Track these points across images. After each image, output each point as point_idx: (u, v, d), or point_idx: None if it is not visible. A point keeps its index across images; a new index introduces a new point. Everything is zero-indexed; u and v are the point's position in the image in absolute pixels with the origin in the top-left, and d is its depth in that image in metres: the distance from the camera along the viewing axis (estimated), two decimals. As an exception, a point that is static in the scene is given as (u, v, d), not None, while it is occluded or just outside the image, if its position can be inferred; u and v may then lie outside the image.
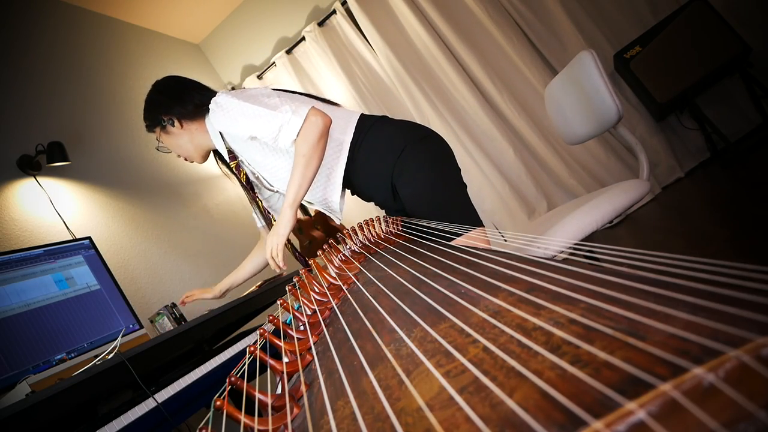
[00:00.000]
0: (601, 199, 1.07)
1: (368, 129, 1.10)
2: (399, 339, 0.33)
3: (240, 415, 0.34)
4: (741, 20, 2.34)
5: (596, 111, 1.21)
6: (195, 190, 2.59)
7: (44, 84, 2.09)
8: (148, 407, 0.90)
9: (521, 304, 0.27)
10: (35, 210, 1.76)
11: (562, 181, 2.68)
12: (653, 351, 0.17)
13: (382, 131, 1.10)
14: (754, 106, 2.40)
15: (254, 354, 0.45)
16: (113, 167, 2.20)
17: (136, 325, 1.42)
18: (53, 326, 1.21)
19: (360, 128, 1.11)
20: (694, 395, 0.14)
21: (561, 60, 2.66)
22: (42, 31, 2.22)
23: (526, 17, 2.70)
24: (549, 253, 0.95)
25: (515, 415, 0.17)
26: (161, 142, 1.22)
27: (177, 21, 3.12)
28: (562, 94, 1.38)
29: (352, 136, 1.10)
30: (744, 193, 1.90)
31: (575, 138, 1.40)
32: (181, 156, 1.24)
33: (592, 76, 1.18)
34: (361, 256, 0.77)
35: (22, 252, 1.26)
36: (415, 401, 0.23)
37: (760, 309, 0.17)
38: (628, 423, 0.14)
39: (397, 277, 0.51)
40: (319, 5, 3.13)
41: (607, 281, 0.25)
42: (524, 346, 0.22)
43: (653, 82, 2.34)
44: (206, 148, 1.23)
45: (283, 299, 0.64)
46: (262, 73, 3.27)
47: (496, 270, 0.36)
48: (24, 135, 1.87)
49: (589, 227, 1.00)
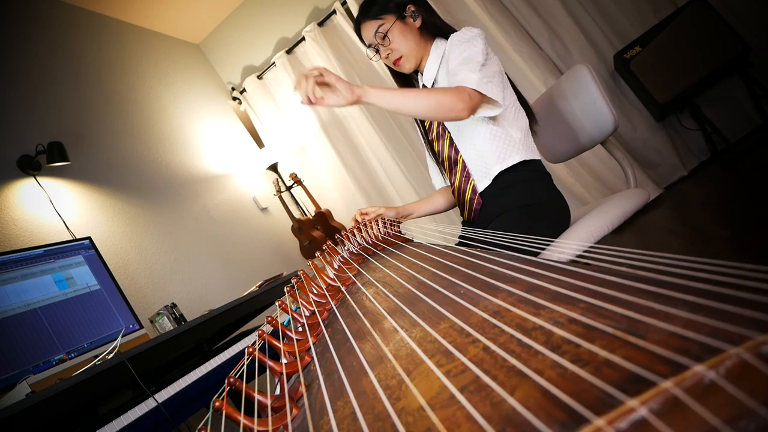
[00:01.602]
0: (608, 205, 1.07)
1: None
2: (399, 339, 0.33)
3: (239, 415, 0.33)
4: (741, 20, 2.34)
5: (592, 123, 1.21)
6: (195, 190, 2.59)
7: (44, 84, 2.09)
8: (148, 407, 0.90)
9: (521, 304, 0.27)
10: (35, 210, 1.76)
11: (564, 182, 2.67)
12: (654, 349, 0.17)
13: None
14: (755, 106, 2.40)
15: (253, 355, 0.45)
16: (113, 167, 2.20)
17: (136, 325, 1.42)
18: (53, 326, 1.21)
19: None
20: (696, 392, 0.14)
21: (563, 59, 2.66)
22: (42, 31, 2.23)
23: (526, 16, 2.70)
24: (564, 257, 0.94)
25: (516, 413, 0.17)
26: (385, 34, 1.12)
27: (177, 21, 3.13)
28: (551, 111, 1.38)
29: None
30: (744, 193, 1.90)
31: (562, 154, 1.40)
32: (392, 55, 1.15)
33: (588, 87, 1.18)
34: (360, 257, 0.77)
35: (22, 252, 1.26)
36: (415, 400, 0.23)
37: (760, 307, 0.17)
38: (629, 420, 0.14)
39: (396, 277, 0.51)
40: (319, 5, 3.13)
41: (607, 281, 0.25)
42: (524, 345, 0.22)
43: (653, 82, 2.34)
44: (422, 61, 1.18)
45: (281, 300, 0.64)
46: (262, 73, 3.28)
47: (496, 270, 0.36)
48: (24, 135, 1.87)
49: (599, 231, 1.00)
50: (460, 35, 1.09)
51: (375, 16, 1.13)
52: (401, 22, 1.12)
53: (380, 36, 1.13)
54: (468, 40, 1.07)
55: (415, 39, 1.14)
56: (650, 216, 2.28)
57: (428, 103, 0.97)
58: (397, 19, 1.12)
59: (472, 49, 1.05)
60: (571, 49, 2.64)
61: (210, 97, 3.23)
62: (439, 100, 0.97)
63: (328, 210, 3.03)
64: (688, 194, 2.30)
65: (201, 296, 2.18)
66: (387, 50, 1.15)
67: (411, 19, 1.13)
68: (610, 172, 2.56)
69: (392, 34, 1.12)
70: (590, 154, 2.57)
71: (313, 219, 2.97)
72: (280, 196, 2.98)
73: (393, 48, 1.14)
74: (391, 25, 1.12)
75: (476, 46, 1.05)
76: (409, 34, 1.13)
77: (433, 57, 1.16)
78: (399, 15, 1.12)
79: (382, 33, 1.13)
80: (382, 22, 1.12)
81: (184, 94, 2.97)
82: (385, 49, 1.15)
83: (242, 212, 2.84)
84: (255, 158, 3.22)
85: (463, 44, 1.06)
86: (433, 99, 0.97)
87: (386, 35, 1.13)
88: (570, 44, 2.64)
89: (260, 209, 3.02)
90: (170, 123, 2.69)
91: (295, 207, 3.21)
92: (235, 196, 2.86)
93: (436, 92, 0.98)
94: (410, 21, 1.14)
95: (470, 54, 1.04)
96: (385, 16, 1.12)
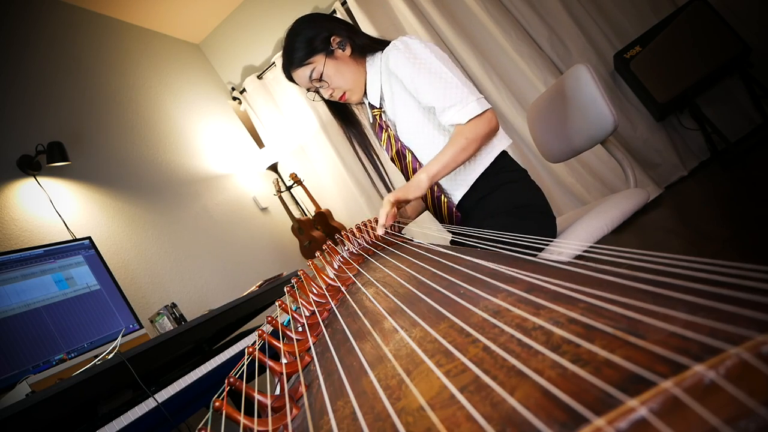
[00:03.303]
0: (608, 205, 1.07)
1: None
2: (399, 339, 0.33)
3: (239, 415, 0.33)
4: (741, 20, 2.34)
5: (591, 122, 1.21)
6: (195, 190, 2.59)
7: (44, 84, 2.09)
8: (148, 407, 0.90)
9: (521, 304, 0.27)
10: (35, 210, 1.76)
11: (564, 182, 2.67)
12: (653, 349, 0.17)
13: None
14: (754, 106, 2.40)
15: (253, 355, 0.45)
16: (113, 167, 2.20)
17: (136, 325, 1.42)
18: (53, 326, 1.21)
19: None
20: (695, 392, 0.14)
21: (563, 59, 2.66)
22: (42, 31, 2.23)
23: (526, 16, 2.70)
24: (564, 257, 0.94)
25: (516, 413, 0.17)
26: (320, 76, 1.07)
27: (177, 21, 3.12)
28: (550, 111, 1.38)
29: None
30: (744, 192, 1.90)
31: (561, 154, 1.39)
32: (335, 93, 1.10)
33: (588, 87, 1.17)
34: (360, 257, 0.77)
35: (22, 252, 1.26)
36: (415, 400, 0.23)
37: (760, 307, 0.17)
38: (630, 420, 0.14)
39: (396, 277, 0.51)
40: (319, 5, 3.13)
41: (607, 281, 0.25)
42: (524, 345, 0.22)
43: (653, 82, 2.34)
44: (364, 85, 1.13)
45: (281, 300, 0.64)
46: (262, 73, 3.28)
47: (496, 270, 0.36)
48: (24, 135, 1.87)
49: (598, 231, 1.00)
50: (402, 54, 1.02)
51: (302, 62, 1.07)
52: (331, 58, 1.06)
53: (316, 80, 1.08)
54: (414, 56, 1.01)
55: (351, 69, 1.08)
56: (650, 216, 2.28)
57: (471, 147, 0.98)
58: (327, 57, 1.06)
59: (431, 67, 1.00)
60: (571, 49, 2.64)
61: (210, 97, 3.23)
62: (476, 136, 0.97)
63: (328, 210, 3.03)
64: (688, 194, 2.31)
65: (201, 296, 2.18)
66: (329, 90, 1.10)
67: (340, 51, 1.07)
68: (610, 172, 2.56)
69: (327, 74, 1.07)
70: (590, 153, 2.57)
71: (313, 219, 2.97)
72: (280, 196, 2.98)
73: (334, 87, 1.09)
74: (323, 65, 1.06)
75: (430, 61, 1.00)
76: (343, 67, 1.07)
77: (372, 75, 1.11)
78: (327, 51, 1.06)
79: (317, 76, 1.07)
80: (314, 65, 1.06)
81: (184, 94, 2.97)
82: (326, 89, 1.10)
83: (242, 212, 2.84)
84: (255, 158, 3.22)
85: (413, 63, 1.01)
86: (472, 142, 0.97)
87: (321, 77, 1.07)
88: (570, 44, 2.63)
89: (260, 209, 3.02)
90: (170, 123, 2.69)
91: (295, 207, 3.21)
92: (235, 196, 2.86)
93: (464, 136, 0.97)
94: (339, 53, 1.07)
95: (436, 76, 0.99)
96: (313, 59, 1.06)
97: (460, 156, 0.97)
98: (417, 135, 1.10)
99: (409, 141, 1.13)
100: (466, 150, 0.97)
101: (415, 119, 1.08)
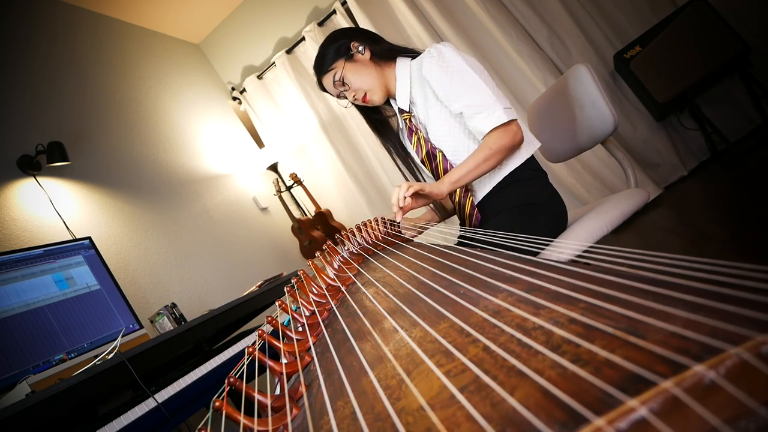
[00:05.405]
0: (608, 205, 1.07)
1: None
2: (399, 339, 0.33)
3: (239, 415, 0.33)
4: (741, 20, 2.34)
5: (591, 122, 1.21)
6: (195, 190, 2.59)
7: (44, 84, 2.09)
8: (148, 407, 0.90)
9: (521, 304, 0.27)
10: (35, 210, 1.76)
11: (564, 182, 2.67)
12: (654, 349, 0.17)
13: None
14: (754, 106, 2.40)
15: (253, 355, 0.45)
16: (113, 167, 2.20)
17: (136, 325, 1.42)
18: (53, 326, 1.21)
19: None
20: (695, 392, 0.14)
21: (563, 59, 2.66)
22: (42, 31, 2.23)
23: (526, 16, 2.70)
24: (564, 257, 0.94)
25: (517, 413, 0.17)
26: (342, 80, 1.14)
27: (177, 21, 3.13)
28: (550, 111, 1.37)
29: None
30: (744, 192, 1.90)
31: (561, 154, 1.39)
32: (357, 95, 1.16)
33: (588, 87, 1.18)
34: (360, 257, 0.77)
35: (22, 252, 1.26)
36: (415, 400, 0.23)
37: (760, 307, 0.17)
38: (630, 420, 0.14)
39: (396, 277, 0.51)
40: (319, 5, 3.13)
41: (607, 281, 0.25)
42: (524, 345, 0.22)
43: (653, 82, 2.34)
44: (389, 88, 1.18)
45: (281, 300, 0.64)
46: (262, 73, 3.28)
47: (496, 270, 0.36)
48: (24, 135, 1.87)
49: (598, 231, 1.00)
50: (435, 60, 1.06)
51: (327, 69, 1.14)
52: (350, 62, 1.13)
53: (339, 84, 1.15)
54: (446, 62, 1.05)
55: (370, 71, 1.14)
56: (650, 216, 2.28)
57: (494, 158, 1.01)
58: (347, 61, 1.13)
59: (461, 74, 1.03)
60: (571, 49, 2.64)
61: (210, 97, 3.23)
62: (500, 148, 1.00)
63: (328, 210, 3.03)
64: (688, 194, 2.30)
65: (201, 296, 2.18)
66: (351, 93, 1.16)
67: (359, 55, 1.14)
68: (610, 171, 2.56)
69: (347, 77, 1.13)
70: (590, 153, 2.57)
71: (313, 219, 2.97)
72: (280, 196, 2.98)
73: (354, 89, 1.15)
74: (342, 69, 1.13)
75: (461, 68, 1.03)
76: (362, 69, 1.14)
77: (402, 78, 1.15)
78: (347, 56, 1.13)
79: (340, 80, 1.14)
80: (335, 70, 1.14)
81: (184, 94, 2.97)
82: (349, 92, 1.16)
83: (242, 212, 2.84)
84: (255, 158, 3.22)
85: (444, 70, 1.04)
86: (496, 153, 1.00)
87: (343, 80, 1.14)
88: (570, 44, 2.63)
89: (260, 209, 3.02)
90: (170, 123, 2.69)
91: (295, 207, 3.21)
92: (235, 196, 2.86)
93: (489, 146, 1.00)
94: (359, 57, 1.14)
95: (466, 83, 1.03)
96: (334, 64, 1.14)
97: (482, 166, 1.01)
98: (447, 139, 1.14)
99: (440, 144, 1.16)
100: (488, 161, 1.01)
101: (448, 124, 1.12)
